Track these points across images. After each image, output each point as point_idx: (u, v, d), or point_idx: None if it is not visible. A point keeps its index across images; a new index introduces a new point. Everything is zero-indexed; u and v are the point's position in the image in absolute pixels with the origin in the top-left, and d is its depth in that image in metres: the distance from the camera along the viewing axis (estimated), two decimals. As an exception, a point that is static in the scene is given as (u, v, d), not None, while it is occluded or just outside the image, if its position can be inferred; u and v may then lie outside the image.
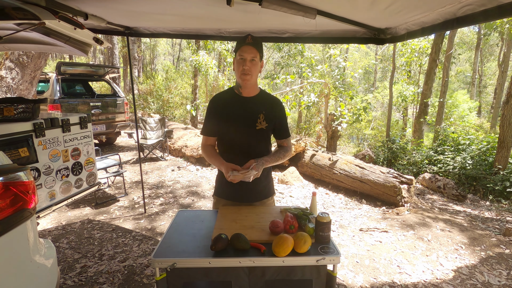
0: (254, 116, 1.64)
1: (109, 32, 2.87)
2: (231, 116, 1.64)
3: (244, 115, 1.64)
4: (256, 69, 1.58)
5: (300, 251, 1.24)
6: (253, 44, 1.54)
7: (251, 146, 1.68)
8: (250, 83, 1.61)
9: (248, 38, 1.55)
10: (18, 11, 1.52)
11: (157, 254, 1.25)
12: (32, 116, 2.34)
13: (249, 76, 1.57)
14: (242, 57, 1.55)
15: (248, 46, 1.54)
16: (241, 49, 1.54)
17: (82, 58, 18.85)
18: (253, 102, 1.67)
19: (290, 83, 13.06)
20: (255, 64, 1.57)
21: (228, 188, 1.73)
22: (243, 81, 1.60)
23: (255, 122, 1.64)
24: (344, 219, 3.73)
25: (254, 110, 1.65)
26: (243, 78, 1.58)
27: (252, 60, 1.55)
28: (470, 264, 2.71)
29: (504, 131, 5.42)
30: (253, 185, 1.67)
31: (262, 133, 1.67)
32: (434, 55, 8.70)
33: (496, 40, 20.41)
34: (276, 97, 1.80)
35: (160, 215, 3.67)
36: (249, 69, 1.55)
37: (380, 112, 19.82)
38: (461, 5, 1.48)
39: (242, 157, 1.66)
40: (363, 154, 7.25)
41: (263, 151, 1.72)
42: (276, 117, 1.70)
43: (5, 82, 4.08)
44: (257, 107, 1.66)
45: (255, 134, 1.66)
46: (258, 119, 1.64)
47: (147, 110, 13.08)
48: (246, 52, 1.54)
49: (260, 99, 1.69)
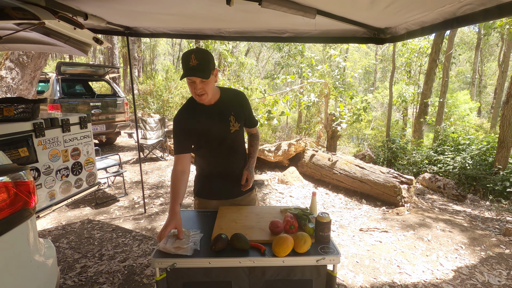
0: (226, 120, 1.60)
1: (109, 32, 2.87)
2: (203, 128, 1.57)
3: (216, 123, 1.59)
4: (210, 85, 1.47)
5: (300, 251, 1.24)
6: (197, 69, 1.40)
7: (230, 150, 1.67)
8: (208, 98, 1.52)
9: (192, 59, 1.39)
10: (18, 11, 1.52)
11: (157, 254, 1.25)
12: (32, 116, 2.34)
13: (204, 96, 1.48)
14: (191, 80, 1.44)
15: (193, 72, 1.41)
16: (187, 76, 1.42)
17: (82, 58, 18.86)
18: (219, 107, 1.60)
19: (290, 83, 13.07)
20: (207, 82, 1.45)
21: (209, 187, 1.75)
22: (200, 100, 1.52)
23: (228, 127, 1.61)
24: (344, 219, 3.73)
25: (223, 115, 1.60)
26: (199, 99, 1.50)
27: (201, 81, 1.44)
28: (470, 264, 2.71)
29: (504, 131, 5.41)
30: (233, 182, 1.71)
31: (237, 133, 1.66)
32: (434, 55, 8.70)
33: (496, 40, 20.41)
34: (235, 89, 1.75)
35: (160, 215, 3.67)
36: (202, 89, 1.45)
37: (380, 112, 19.81)
38: (461, 5, 1.48)
39: (224, 163, 1.70)
40: (363, 154, 7.25)
41: (242, 149, 1.76)
42: (244, 111, 1.68)
43: (5, 82, 4.08)
44: (225, 111, 1.61)
45: (232, 137, 1.64)
46: (230, 122, 1.61)
47: (147, 110, 13.08)
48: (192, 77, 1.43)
49: (225, 101, 1.62)
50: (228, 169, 1.72)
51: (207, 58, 1.44)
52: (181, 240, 1.31)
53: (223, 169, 1.71)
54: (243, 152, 1.77)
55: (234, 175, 1.72)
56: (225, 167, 1.71)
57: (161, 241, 1.29)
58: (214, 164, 1.70)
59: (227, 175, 1.72)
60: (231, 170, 1.72)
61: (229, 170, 1.72)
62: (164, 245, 1.26)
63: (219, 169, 1.71)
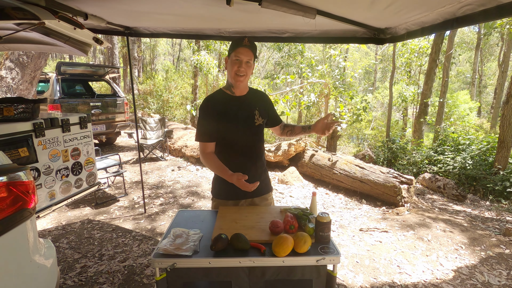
0: (251, 113, 1.68)
1: (109, 32, 2.87)
2: (230, 117, 1.64)
3: (243, 114, 1.67)
4: (250, 71, 1.62)
5: (300, 251, 1.24)
6: (249, 46, 1.55)
7: (252, 144, 1.72)
8: (243, 84, 1.64)
9: (245, 40, 1.55)
10: (18, 11, 1.52)
11: (157, 254, 1.25)
12: (32, 116, 2.34)
13: (243, 77, 1.60)
14: (238, 59, 1.56)
15: (245, 48, 1.54)
16: (238, 50, 1.55)
17: (82, 58, 18.86)
18: (247, 100, 1.70)
19: (290, 83, 13.06)
20: (250, 66, 1.60)
21: (227, 188, 1.72)
22: (236, 82, 1.61)
23: (253, 119, 1.68)
24: (344, 219, 3.73)
25: (250, 107, 1.69)
26: (237, 79, 1.59)
27: (247, 62, 1.57)
28: (470, 264, 2.71)
29: (504, 131, 5.41)
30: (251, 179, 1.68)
31: (260, 128, 1.73)
32: (434, 55, 8.70)
33: (496, 40, 20.41)
34: (259, 89, 1.87)
35: (160, 215, 3.67)
36: (244, 71, 1.57)
37: (380, 112, 19.82)
38: (461, 5, 1.48)
39: (243, 156, 1.70)
40: (363, 154, 7.25)
41: (261, 147, 1.78)
42: (267, 110, 1.78)
43: (5, 82, 4.08)
44: (252, 105, 1.70)
45: (255, 131, 1.71)
46: (255, 115, 1.69)
47: (147, 110, 13.08)
48: (242, 54, 1.55)
49: (251, 96, 1.73)
50: (247, 164, 1.71)
51: (256, 46, 1.61)
52: (181, 240, 1.32)
53: (242, 164, 1.70)
54: (261, 151, 1.79)
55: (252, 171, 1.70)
56: (244, 162, 1.71)
57: (250, 189, 1.52)
58: (234, 158, 1.70)
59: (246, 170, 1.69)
60: (250, 165, 1.71)
61: (248, 165, 1.71)
62: (164, 246, 1.27)
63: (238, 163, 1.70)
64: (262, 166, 1.79)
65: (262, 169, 1.78)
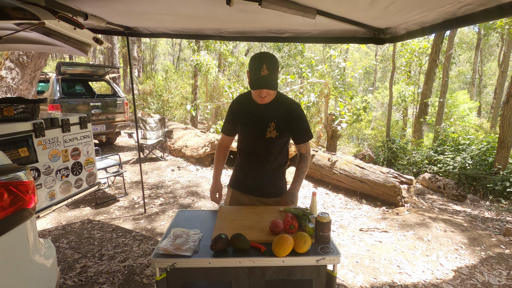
0: (265, 124, 1.64)
1: (109, 32, 2.87)
2: (245, 122, 1.69)
3: (256, 123, 1.66)
4: (274, 91, 1.58)
5: (300, 251, 1.24)
6: (268, 79, 1.45)
7: (262, 152, 1.72)
8: (269, 100, 1.61)
9: (263, 69, 1.43)
10: (18, 11, 1.52)
11: (157, 254, 1.25)
12: (32, 116, 2.34)
13: (266, 98, 1.58)
14: (260, 95, 1.56)
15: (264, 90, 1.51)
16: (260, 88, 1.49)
17: (82, 58, 18.86)
18: (266, 110, 1.64)
19: (290, 83, 13.08)
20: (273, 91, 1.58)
21: (243, 179, 1.80)
22: (260, 101, 1.60)
23: (264, 131, 1.65)
24: (344, 219, 3.73)
25: (266, 118, 1.64)
26: (260, 100, 1.59)
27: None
28: (470, 264, 2.71)
29: (504, 131, 5.41)
30: (267, 184, 1.76)
31: (272, 141, 1.66)
32: (434, 55, 8.70)
33: (496, 40, 20.41)
34: (293, 100, 1.72)
35: (160, 215, 3.67)
36: (267, 93, 1.55)
37: (380, 112, 19.80)
38: (461, 5, 1.48)
39: (253, 161, 1.74)
40: (363, 154, 7.25)
41: (276, 157, 1.72)
42: (290, 124, 1.64)
43: (5, 82, 4.08)
44: (270, 116, 1.64)
45: (265, 142, 1.67)
46: (269, 127, 1.64)
47: (147, 110, 13.08)
48: (263, 92, 1.54)
49: (274, 106, 1.64)
50: (259, 169, 1.74)
51: (276, 66, 1.48)
52: (181, 240, 1.32)
53: (255, 167, 1.75)
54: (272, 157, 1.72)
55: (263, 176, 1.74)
56: (256, 166, 1.75)
57: (218, 203, 1.74)
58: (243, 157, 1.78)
59: (258, 174, 1.74)
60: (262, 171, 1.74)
61: (260, 171, 1.74)
62: (164, 246, 1.27)
63: (251, 165, 1.75)
64: (270, 171, 1.74)
65: (269, 173, 1.74)
